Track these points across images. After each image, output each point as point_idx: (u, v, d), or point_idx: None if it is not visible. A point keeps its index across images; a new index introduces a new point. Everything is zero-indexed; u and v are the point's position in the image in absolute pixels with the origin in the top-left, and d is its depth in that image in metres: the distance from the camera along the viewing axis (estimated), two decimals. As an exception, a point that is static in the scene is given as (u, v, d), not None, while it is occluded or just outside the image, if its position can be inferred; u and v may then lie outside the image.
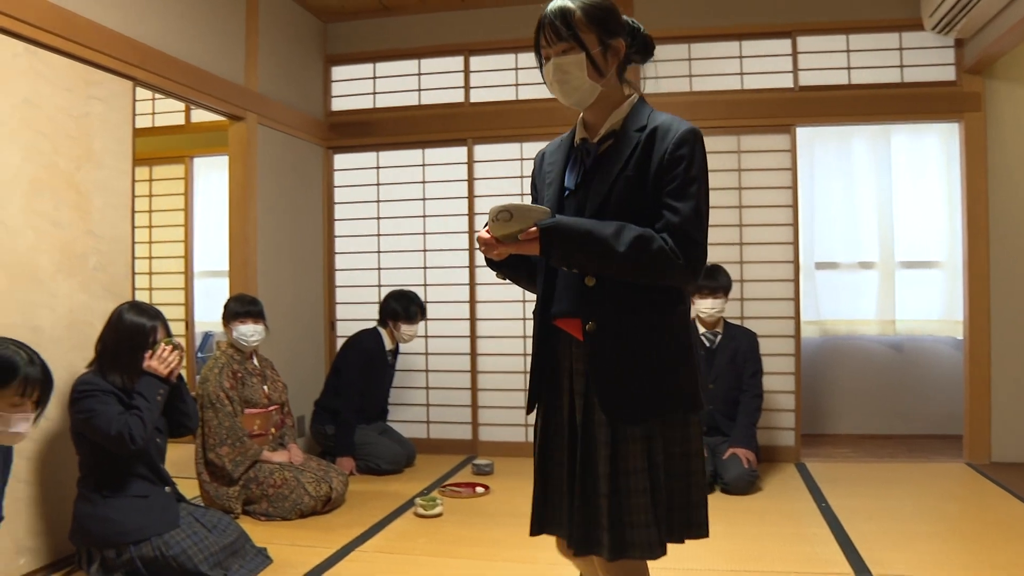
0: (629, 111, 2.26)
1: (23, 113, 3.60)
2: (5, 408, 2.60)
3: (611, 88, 2.26)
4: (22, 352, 2.67)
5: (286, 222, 5.81)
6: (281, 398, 4.80)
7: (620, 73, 2.28)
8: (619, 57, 2.24)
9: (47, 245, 3.71)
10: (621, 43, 2.24)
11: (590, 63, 2.19)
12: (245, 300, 4.67)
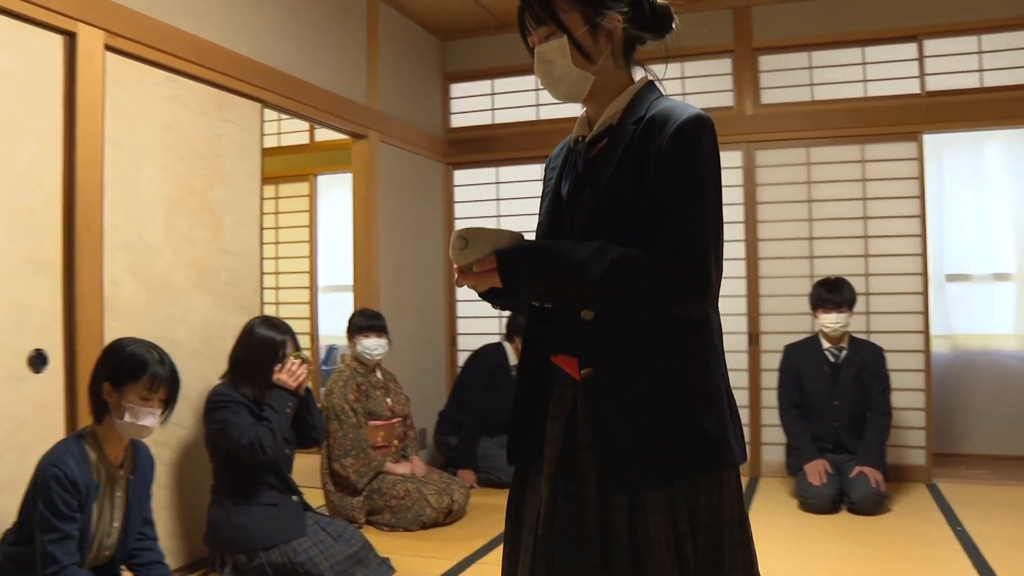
0: (629, 101, 1.83)
1: (163, 137, 3.79)
2: (135, 401, 2.80)
3: (609, 75, 1.84)
4: (153, 352, 2.87)
5: (408, 237, 5.93)
6: (404, 410, 4.89)
7: (626, 56, 1.87)
8: (614, 36, 1.82)
9: (183, 262, 3.88)
10: (616, 19, 1.80)
11: (574, 47, 1.79)
12: (369, 314, 4.78)
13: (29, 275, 3.18)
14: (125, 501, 2.95)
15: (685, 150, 1.68)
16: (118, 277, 3.53)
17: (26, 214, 3.18)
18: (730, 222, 5.67)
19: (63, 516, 2.68)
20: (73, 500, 2.70)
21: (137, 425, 2.81)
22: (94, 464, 2.82)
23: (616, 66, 1.86)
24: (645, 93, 1.85)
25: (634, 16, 1.83)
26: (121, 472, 2.93)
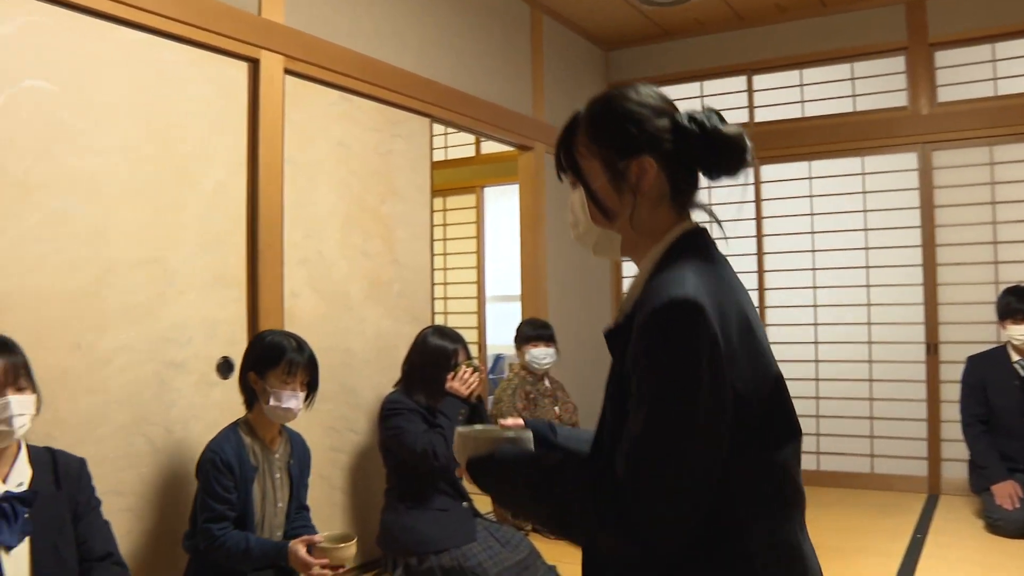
0: (652, 269, 1.44)
1: (337, 154, 3.96)
2: (277, 386, 2.97)
3: (649, 229, 1.46)
4: (291, 340, 3.05)
5: (574, 248, 5.95)
6: (572, 419, 4.91)
7: (677, 201, 1.46)
8: (641, 185, 1.42)
9: (358, 274, 4.04)
10: (646, 164, 1.41)
11: (591, 201, 1.48)
12: (537, 324, 4.83)
13: (218, 290, 3.39)
14: (288, 484, 3.13)
15: (647, 350, 1.29)
16: (297, 290, 3.72)
17: (215, 233, 3.39)
18: (905, 227, 5.44)
19: (219, 497, 2.88)
20: (228, 482, 2.90)
21: (282, 408, 2.98)
22: (249, 447, 3.02)
23: (658, 217, 1.45)
24: (672, 255, 1.42)
25: (679, 153, 1.43)
26: (277, 456, 3.11)
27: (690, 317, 1.26)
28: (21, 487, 2.32)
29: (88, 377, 2.95)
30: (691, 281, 1.31)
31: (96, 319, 2.97)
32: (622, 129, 1.44)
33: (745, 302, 1.39)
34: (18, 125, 2.77)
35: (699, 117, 1.42)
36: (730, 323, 1.30)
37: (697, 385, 1.25)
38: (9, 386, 2.24)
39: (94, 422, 2.96)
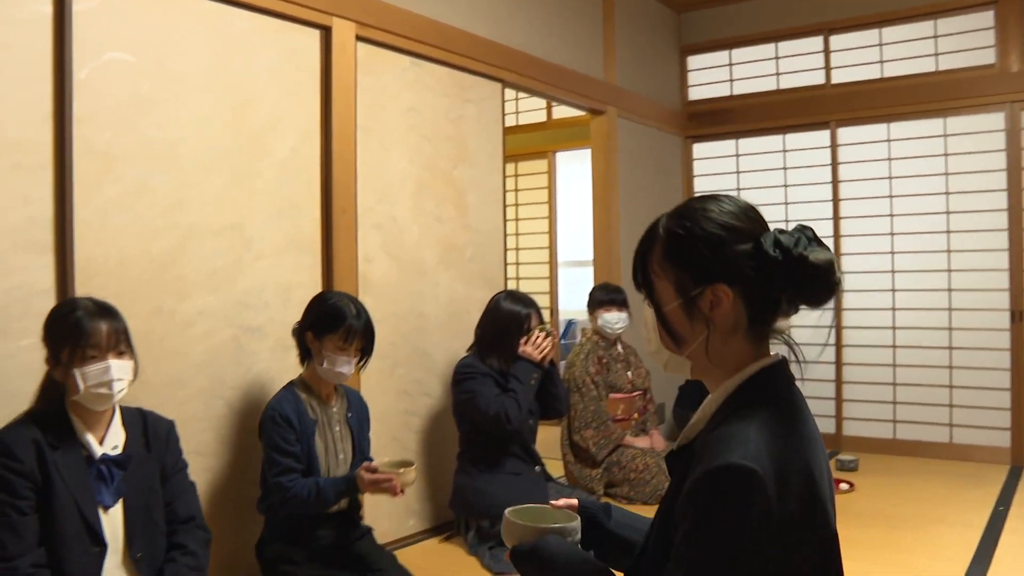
0: (721, 403, 1.38)
1: (409, 120, 3.98)
2: (333, 350, 3.01)
3: (723, 357, 1.38)
4: (351, 306, 3.07)
5: (647, 212, 5.90)
6: (644, 384, 4.90)
7: (756, 329, 1.37)
8: (714, 316, 1.34)
9: (430, 239, 4.07)
10: (722, 291, 1.33)
11: (660, 324, 1.42)
12: (610, 288, 4.82)
13: (293, 256, 3.45)
14: (349, 436, 3.19)
15: (694, 511, 1.23)
16: (371, 255, 3.76)
17: (290, 199, 3.44)
18: (990, 190, 5.26)
19: (283, 451, 2.95)
20: (290, 434, 2.97)
21: (335, 371, 3.04)
22: (306, 402, 3.09)
23: (731, 348, 1.37)
24: (744, 396, 1.35)
25: (760, 281, 1.32)
26: (335, 410, 3.18)
27: (739, 487, 1.19)
28: (116, 450, 2.39)
29: (170, 341, 3.03)
30: (753, 443, 1.23)
31: (176, 285, 3.05)
32: (698, 253, 1.34)
33: (813, 454, 1.29)
34: (100, 98, 2.84)
35: (785, 242, 1.29)
36: (791, 493, 1.22)
37: (737, 558, 1.20)
38: (111, 351, 2.31)
39: (176, 385, 3.05)
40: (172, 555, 2.46)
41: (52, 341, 2.33)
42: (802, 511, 1.23)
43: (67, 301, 2.41)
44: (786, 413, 1.31)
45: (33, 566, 2.19)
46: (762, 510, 1.19)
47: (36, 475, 2.23)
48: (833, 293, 1.32)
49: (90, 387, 2.28)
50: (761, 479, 1.19)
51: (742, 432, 1.25)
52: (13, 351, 2.62)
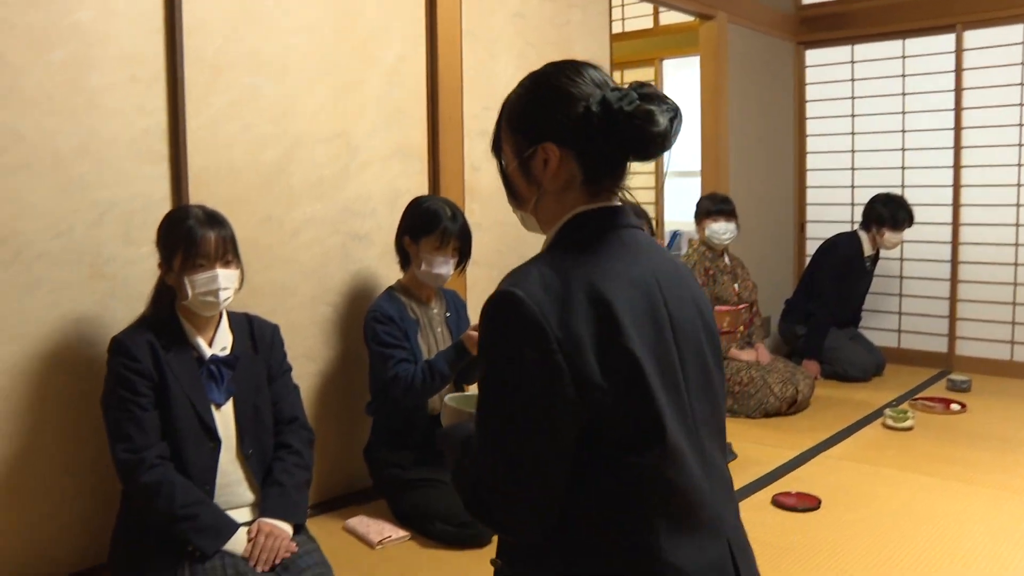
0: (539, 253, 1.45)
1: (515, 26, 3.91)
2: (429, 252, 3.08)
3: (551, 218, 1.44)
4: (447, 209, 3.11)
5: (757, 121, 5.73)
6: (751, 297, 4.82)
7: (588, 189, 1.40)
8: (549, 170, 1.38)
9: (536, 147, 4.02)
10: (549, 150, 1.37)
11: (504, 183, 1.50)
12: (718, 198, 4.71)
13: (399, 163, 3.46)
14: (450, 337, 3.25)
15: (479, 341, 1.34)
16: (477, 163, 3.74)
17: (396, 107, 3.44)
18: None
19: (391, 345, 3.03)
20: (394, 330, 3.06)
21: (433, 273, 3.09)
22: (406, 305, 3.15)
23: (565, 204, 1.41)
24: (555, 242, 1.41)
25: (587, 139, 1.36)
26: (435, 311, 3.23)
27: (509, 309, 1.27)
28: (224, 351, 2.49)
29: (278, 249, 3.09)
30: (531, 275, 1.30)
31: (285, 193, 3.09)
32: (528, 115, 1.42)
33: (610, 281, 1.30)
34: (209, 7, 2.86)
35: (609, 98, 1.33)
36: (575, 314, 1.26)
37: (518, 376, 1.26)
38: (218, 260, 2.38)
39: (285, 292, 3.12)
40: (279, 454, 2.56)
41: (164, 248, 2.41)
42: (598, 340, 1.26)
43: (179, 209, 2.48)
44: (587, 247, 1.36)
45: (159, 457, 2.31)
46: (534, 330, 1.24)
47: (153, 374, 2.34)
48: (652, 141, 1.33)
49: (198, 294, 2.36)
50: (522, 300, 1.25)
51: (523, 267, 1.35)
52: (134, 257, 2.71)
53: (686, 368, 1.36)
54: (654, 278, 1.36)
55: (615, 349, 1.26)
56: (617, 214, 1.41)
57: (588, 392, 1.25)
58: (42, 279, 2.53)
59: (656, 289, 1.35)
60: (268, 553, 2.32)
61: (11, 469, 2.53)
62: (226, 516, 2.37)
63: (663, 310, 1.34)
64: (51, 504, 2.61)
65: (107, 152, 2.64)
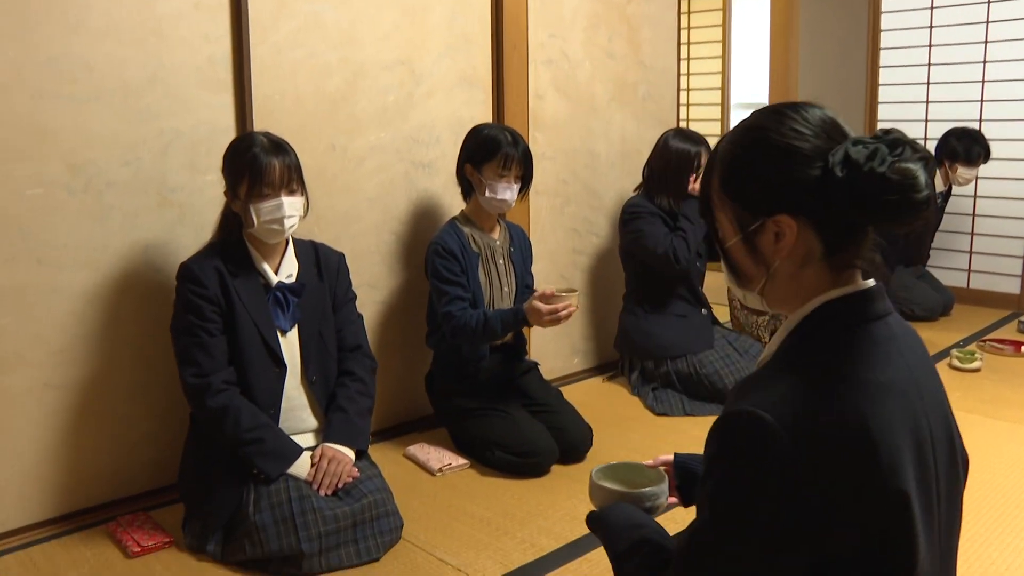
0: (778, 344, 1.24)
1: (583, -51, 3.82)
2: (492, 178, 3.04)
3: (788, 297, 1.21)
4: (506, 134, 3.07)
5: (828, 53, 5.57)
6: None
7: (830, 263, 1.17)
8: (777, 250, 1.17)
9: (602, 76, 3.96)
10: (787, 224, 1.15)
11: (723, 259, 1.29)
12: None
13: (464, 91, 3.42)
14: (512, 269, 3.24)
15: (710, 457, 1.14)
16: (542, 91, 3.69)
17: (461, 35, 3.39)
18: None
19: (449, 281, 3.02)
20: (454, 265, 3.03)
21: (496, 199, 3.06)
22: (468, 236, 3.13)
23: (804, 281, 1.18)
24: (805, 328, 1.18)
25: (830, 208, 1.11)
26: (498, 242, 3.21)
27: (751, 435, 1.07)
28: (290, 278, 2.51)
29: (343, 177, 3.09)
30: (778, 390, 1.10)
31: (349, 121, 3.08)
32: (753, 182, 1.17)
33: (876, 404, 1.08)
34: (274, -74, 2.83)
35: (855, 156, 1.07)
36: (823, 441, 1.05)
37: (751, 507, 1.07)
38: (283, 188, 2.39)
39: (350, 219, 3.13)
40: (342, 380, 2.61)
41: (230, 175, 2.43)
42: (844, 470, 1.05)
43: (244, 137, 2.49)
44: (844, 355, 1.12)
45: (224, 382, 2.37)
46: (774, 461, 1.05)
47: (220, 300, 2.38)
48: (917, 210, 1.07)
49: (263, 222, 2.38)
50: (773, 429, 1.05)
51: (772, 377, 1.13)
52: (201, 185, 2.73)
53: (941, 498, 1.16)
54: (914, 385, 1.15)
55: (875, 485, 1.06)
56: (870, 301, 1.18)
57: (834, 533, 1.07)
58: (113, 207, 2.57)
59: (916, 399, 1.14)
60: (331, 477, 2.38)
61: (86, 392, 2.60)
62: (290, 441, 2.42)
63: (925, 426, 1.14)
64: (123, 425, 2.69)
65: (173, 81, 2.65)
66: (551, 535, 2.53)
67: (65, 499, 2.61)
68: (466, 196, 3.19)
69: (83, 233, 2.53)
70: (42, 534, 2.54)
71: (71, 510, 2.62)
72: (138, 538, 2.45)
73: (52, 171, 2.45)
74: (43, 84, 2.40)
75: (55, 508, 2.60)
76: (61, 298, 2.51)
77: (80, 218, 2.51)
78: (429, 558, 2.40)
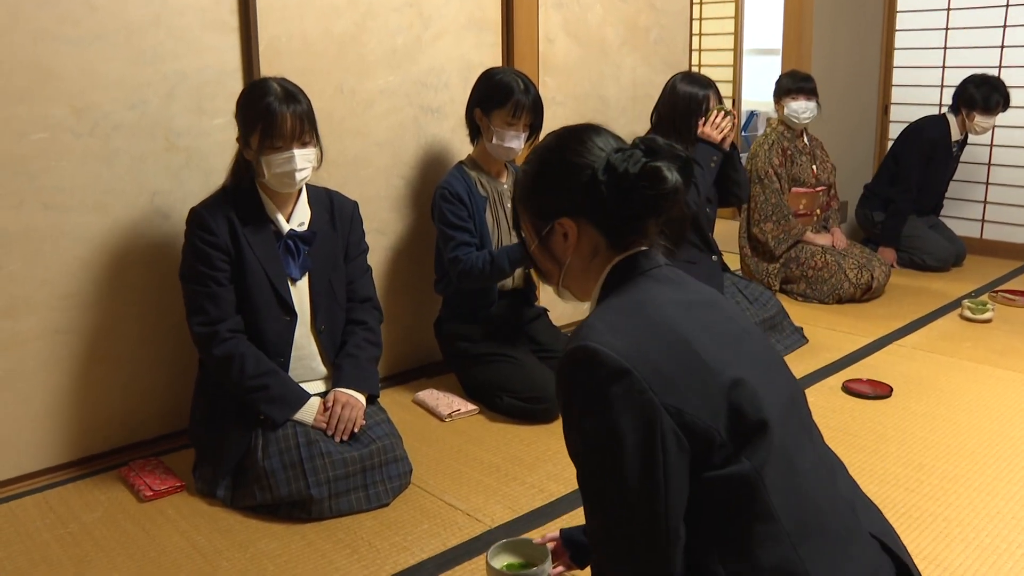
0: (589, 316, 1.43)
1: None
2: (500, 125, 3.00)
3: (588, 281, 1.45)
4: (519, 81, 3.01)
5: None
6: (829, 179, 4.68)
7: (615, 248, 1.40)
8: (565, 246, 1.42)
9: (613, 18, 3.89)
10: (568, 225, 1.40)
11: (531, 260, 1.53)
12: (798, 76, 4.53)
13: (473, 34, 3.37)
14: None
15: (564, 407, 1.31)
16: (552, 34, 3.63)
17: (470, -27, 3.33)
18: None
19: (455, 226, 2.99)
20: (460, 210, 3.01)
21: (504, 147, 3.02)
22: (475, 180, 3.10)
23: (596, 267, 1.42)
24: (604, 292, 1.41)
25: (596, 205, 1.36)
26: (505, 186, 3.18)
27: (588, 364, 1.24)
28: (302, 226, 2.49)
29: (351, 120, 3.06)
30: (594, 327, 1.28)
31: (357, 64, 3.04)
32: (537, 192, 1.44)
33: (678, 316, 1.30)
34: None
35: (614, 162, 1.33)
36: (650, 352, 1.24)
37: (613, 429, 1.22)
38: (295, 141, 2.35)
39: (359, 163, 3.10)
40: (352, 329, 2.61)
41: (242, 124, 2.39)
42: (682, 369, 1.24)
43: (258, 84, 2.41)
44: (640, 287, 1.35)
45: (230, 331, 2.37)
46: (613, 375, 1.21)
47: (230, 248, 2.36)
48: (666, 200, 1.33)
49: (274, 174, 2.36)
50: (603, 353, 1.22)
51: (585, 325, 1.30)
52: (207, 129, 2.71)
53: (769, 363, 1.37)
54: (713, 299, 1.42)
55: (706, 376, 1.25)
56: (645, 258, 1.40)
57: (687, 420, 1.22)
58: (119, 151, 2.55)
59: (721, 308, 1.40)
60: (345, 423, 2.38)
61: (96, 337, 2.60)
62: (296, 387, 2.43)
63: (736, 324, 1.38)
64: (134, 371, 2.70)
65: (178, 22, 2.61)
66: (560, 480, 2.54)
67: (78, 444, 2.63)
68: (473, 139, 3.16)
69: (90, 177, 2.51)
70: (57, 478, 2.57)
71: (84, 455, 2.65)
72: (150, 482, 2.46)
73: (57, 114, 2.42)
74: (44, 24, 2.37)
75: (68, 453, 2.62)
76: (69, 242, 2.50)
77: (87, 162, 2.49)
78: (438, 503, 2.41)
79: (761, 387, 1.27)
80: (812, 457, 1.33)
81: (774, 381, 1.34)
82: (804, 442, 1.33)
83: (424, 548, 2.18)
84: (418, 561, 2.12)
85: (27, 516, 2.35)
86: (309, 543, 2.21)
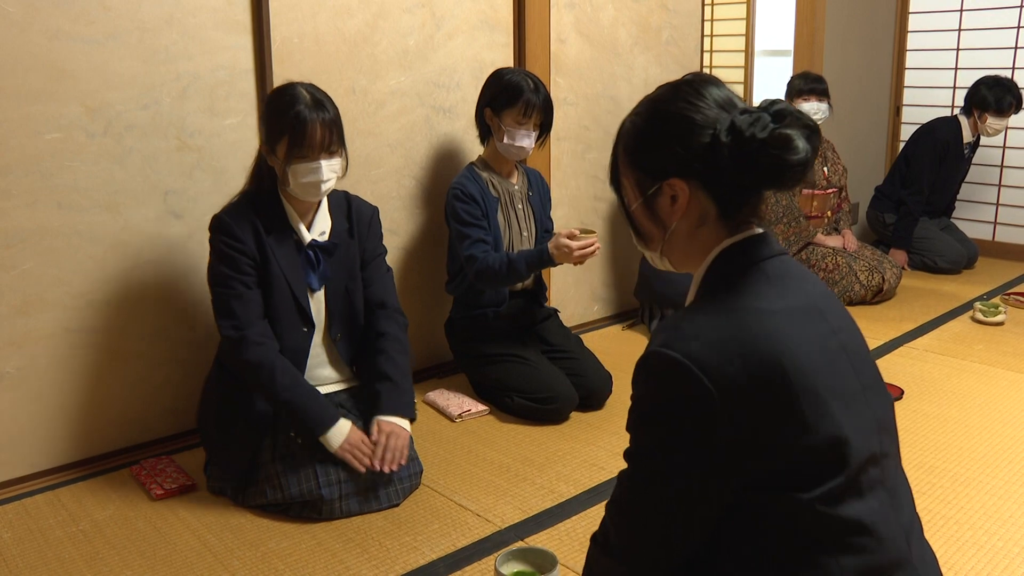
0: (693, 296, 1.36)
1: None
2: (512, 125, 3.00)
3: (688, 254, 1.34)
4: (529, 81, 3.01)
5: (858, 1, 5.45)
6: (840, 181, 4.67)
7: (724, 222, 1.29)
8: (675, 210, 1.29)
9: (625, 19, 3.89)
10: (679, 187, 1.27)
11: (629, 222, 1.41)
12: (810, 77, 4.52)
13: (485, 34, 3.37)
14: (532, 214, 3.22)
15: (632, 401, 1.25)
16: (564, 34, 3.63)
17: (482, -27, 3.33)
18: None
19: (470, 224, 2.99)
20: (474, 209, 3.01)
21: (515, 146, 3.02)
22: (487, 181, 3.11)
23: (700, 239, 1.30)
24: (708, 282, 1.29)
25: (718, 171, 1.23)
26: (516, 187, 3.18)
27: (664, 373, 1.16)
28: (323, 236, 2.47)
29: (363, 120, 3.06)
30: (689, 330, 1.17)
31: (369, 64, 3.04)
32: (648, 148, 1.31)
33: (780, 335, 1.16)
34: None
35: (740, 124, 1.20)
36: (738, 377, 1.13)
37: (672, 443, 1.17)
38: (323, 151, 2.31)
39: (370, 164, 3.10)
40: (380, 345, 2.54)
41: (269, 130, 2.34)
42: (763, 399, 1.13)
43: (287, 90, 2.34)
44: (744, 291, 1.23)
45: (260, 335, 2.33)
46: (689, 400, 1.14)
47: (256, 255, 2.34)
48: (795, 172, 1.19)
49: (300, 183, 2.33)
50: (681, 365, 1.14)
51: (684, 318, 1.21)
52: (219, 129, 2.71)
53: (867, 391, 1.25)
54: (816, 309, 1.24)
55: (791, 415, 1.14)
56: (763, 244, 1.29)
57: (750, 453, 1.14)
58: (132, 150, 2.56)
59: (820, 321, 1.23)
60: (392, 452, 2.35)
61: (108, 336, 2.61)
62: (327, 407, 2.36)
63: (835, 341, 1.23)
64: (146, 370, 2.71)
65: (191, 22, 2.61)
66: (570, 481, 2.54)
67: (90, 442, 2.64)
68: (483, 139, 3.15)
69: (103, 176, 2.51)
70: (68, 476, 2.57)
71: (96, 453, 2.65)
72: (161, 481, 2.47)
73: (71, 113, 2.43)
74: (59, 23, 2.38)
75: (80, 451, 2.62)
76: (82, 241, 2.51)
77: (100, 161, 2.50)
78: (449, 503, 2.41)
79: (857, 435, 1.18)
80: (882, 493, 1.23)
81: (873, 410, 1.25)
82: (878, 475, 1.23)
83: (434, 548, 2.18)
84: (428, 561, 2.13)
85: (39, 514, 2.36)
86: (320, 542, 2.21)
